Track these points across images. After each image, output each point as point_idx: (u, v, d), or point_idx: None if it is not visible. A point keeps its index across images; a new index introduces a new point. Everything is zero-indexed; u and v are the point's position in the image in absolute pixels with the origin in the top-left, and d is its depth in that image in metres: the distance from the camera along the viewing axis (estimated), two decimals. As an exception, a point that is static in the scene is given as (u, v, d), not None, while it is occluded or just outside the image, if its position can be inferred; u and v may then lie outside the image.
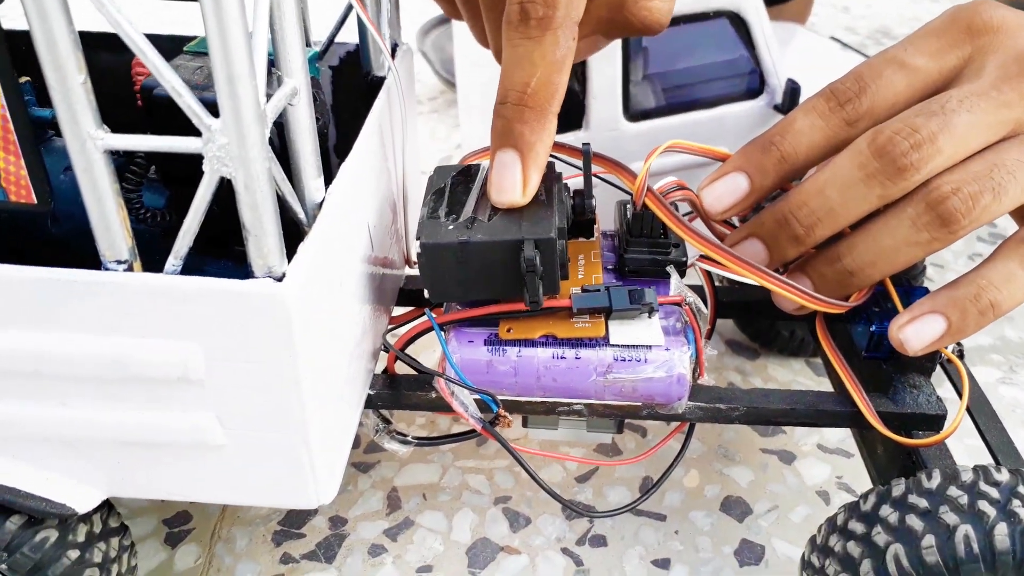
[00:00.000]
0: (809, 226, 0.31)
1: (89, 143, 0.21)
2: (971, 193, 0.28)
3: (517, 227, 0.29)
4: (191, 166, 0.23)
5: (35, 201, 0.22)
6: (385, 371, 0.33)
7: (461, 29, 0.55)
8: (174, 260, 0.22)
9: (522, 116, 0.28)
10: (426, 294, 0.30)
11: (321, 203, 0.26)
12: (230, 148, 0.20)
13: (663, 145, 0.32)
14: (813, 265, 0.32)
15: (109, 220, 0.22)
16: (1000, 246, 0.30)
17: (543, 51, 0.28)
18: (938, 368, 0.33)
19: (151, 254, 0.24)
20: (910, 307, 0.31)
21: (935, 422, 0.31)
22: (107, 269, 0.23)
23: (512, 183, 0.29)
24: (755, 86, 0.48)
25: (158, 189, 0.30)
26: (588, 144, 0.31)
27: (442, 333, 0.30)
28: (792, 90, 0.46)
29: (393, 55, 0.35)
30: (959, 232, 0.29)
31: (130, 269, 0.23)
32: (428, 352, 0.41)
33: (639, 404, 0.31)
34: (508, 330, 0.30)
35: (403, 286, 0.38)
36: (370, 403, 0.32)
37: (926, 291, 0.34)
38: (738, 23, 0.46)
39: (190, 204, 0.22)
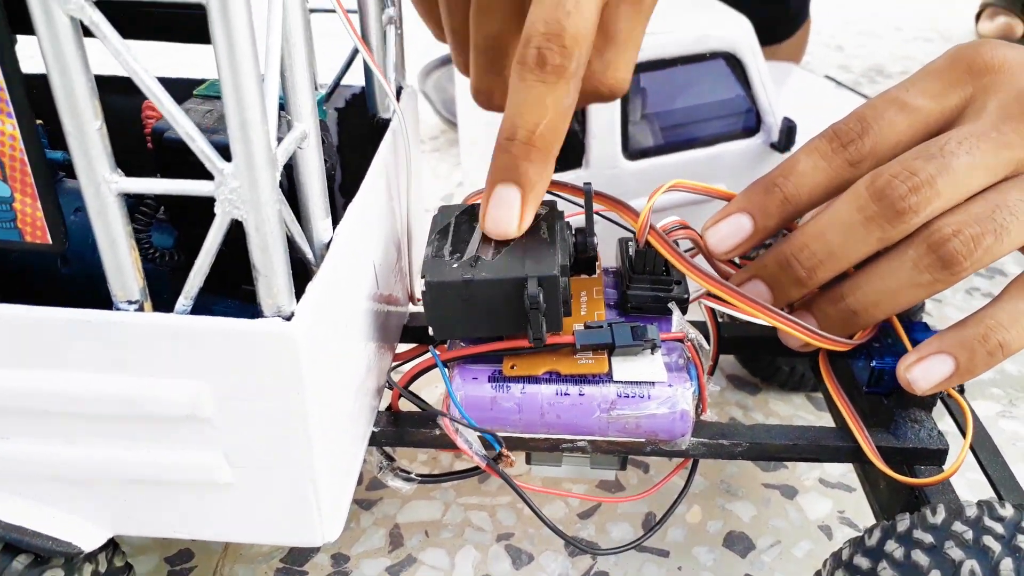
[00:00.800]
0: (811, 268, 0.31)
1: (104, 187, 0.21)
2: (973, 235, 0.29)
3: (521, 265, 0.29)
4: (200, 207, 0.24)
5: (50, 242, 0.22)
6: (389, 408, 0.33)
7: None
8: (184, 300, 0.23)
9: (528, 155, 0.29)
10: (430, 331, 0.30)
11: (328, 243, 0.26)
12: (242, 191, 0.21)
13: (666, 184, 0.33)
14: (817, 304, 0.32)
15: (121, 261, 0.22)
16: (1008, 285, 0.31)
17: (556, 97, 0.28)
18: (939, 402, 0.33)
19: (160, 293, 0.25)
20: (918, 347, 0.31)
21: (937, 457, 0.31)
22: (118, 309, 0.23)
23: (510, 218, 0.30)
24: (752, 124, 0.48)
25: (166, 229, 0.31)
26: (589, 183, 0.32)
27: (446, 371, 0.31)
28: (788, 128, 0.47)
29: (398, 97, 0.36)
30: (961, 274, 0.29)
31: (141, 309, 0.23)
32: (432, 387, 0.42)
33: (642, 440, 0.31)
34: (512, 367, 0.31)
35: (407, 323, 0.38)
36: (374, 440, 0.32)
37: (925, 326, 0.34)
38: (734, 63, 0.47)
39: (198, 244, 0.22)
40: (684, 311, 0.33)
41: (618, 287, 0.34)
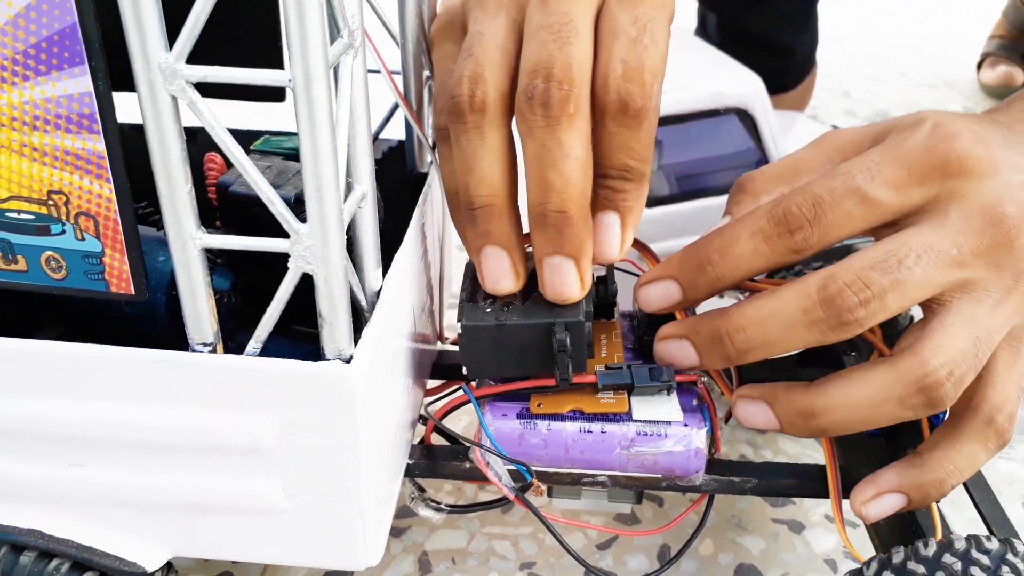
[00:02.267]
0: (742, 351, 0.30)
1: (190, 243, 0.24)
2: (960, 376, 0.29)
3: (548, 311, 0.32)
4: (258, 255, 0.27)
5: (133, 292, 0.25)
6: (421, 441, 0.36)
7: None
8: (255, 344, 0.25)
9: (625, 187, 0.30)
10: (464, 370, 0.33)
11: (379, 291, 0.29)
12: (314, 249, 0.23)
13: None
14: (784, 409, 0.31)
15: (199, 309, 0.25)
16: (962, 423, 0.31)
17: (643, 136, 0.29)
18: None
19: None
20: (875, 480, 0.32)
21: (933, 495, 0.34)
22: (194, 350, 0.26)
23: (613, 243, 0.31)
24: (762, 176, 0.51)
25: (224, 272, 0.34)
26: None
27: (479, 406, 0.33)
28: (796, 180, 0.50)
29: (434, 151, 0.39)
30: (941, 409, 0.29)
31: (214, 351, 0.26)
32: (455, 426, 0.44)
33: (659, 476, 0.33)
34: (539, 404, 0.33)
35: (436, 360, 0.40)
36: (408, 472, 0.35)
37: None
38: (745, 118, 0.50)
39: (254, 287, 0.25)
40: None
41: (634, 331, 0.37)
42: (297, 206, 0.31)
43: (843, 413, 0.30)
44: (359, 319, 0.28)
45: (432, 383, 0.39)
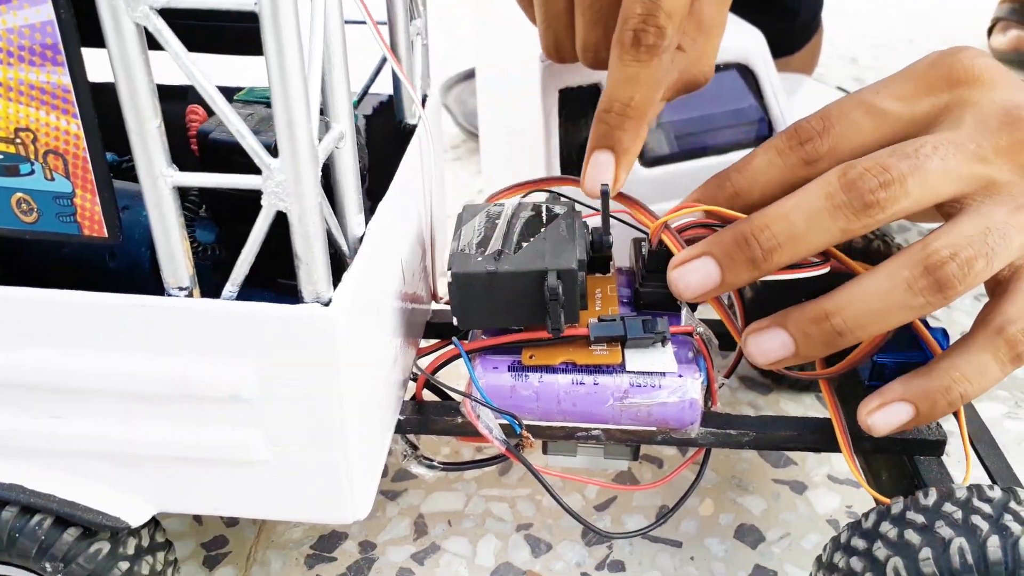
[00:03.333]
0: (769, 250, 0.30)
1: (160, 180, 0.23)
2: (967, 258, 0.28)
3: (541, 258, 0.31)
4: (242, 204, 0.26)
5: (106, 235, 0.24)
6: (413, 397, 0.35)
7: (484, 84, 0.58)
8: (231, 287, 0.25)
9: (623, 124, 0.33)
10: (454, 321, 0.32)
11: (362, 237, 0.28)
12: (287, 184, 0.23)
13: (686, 208, 0.34)
14: (796, 323, 0.31)
15: (174, 250, 0.24)
16: (973, 334, 0.30)
17: (648, 74, 0.32)
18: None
19: (202, 286, 0.27)
20: (880, 392, 0.31)
21: (935, 447, 0.33)
22: (170, 295, 0.25)
23: (606, 177, 0.33)
24: (764, 133, 0.50)
25: (208, 225, 0.33)
26: (607, 184, 0.34)
27: (469, 359, 0.32)
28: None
29: (423, 105, 0.38)
30: (952, 297, 0.29)
31: (190, 295, 0.25)
32: (449, 380, 0.43)
33: (653, 429, 0.32)
34: (530, 356, 0.32)
35: (429, 320, 0.40)
36: (399, 428, 0.34)
37: (926, 323, 0.36)
38: (747, 74, 0.49)
39: (239, 239, 0.24)
40: (694, 308, 0.34)
41: (631, 286, 0.36)
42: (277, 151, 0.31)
43: (855, 308, 0.29)
44: (341, 265, 0.27)
45: (425, 342, 0.39)
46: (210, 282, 0.28)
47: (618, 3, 0.33)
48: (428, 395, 0.35)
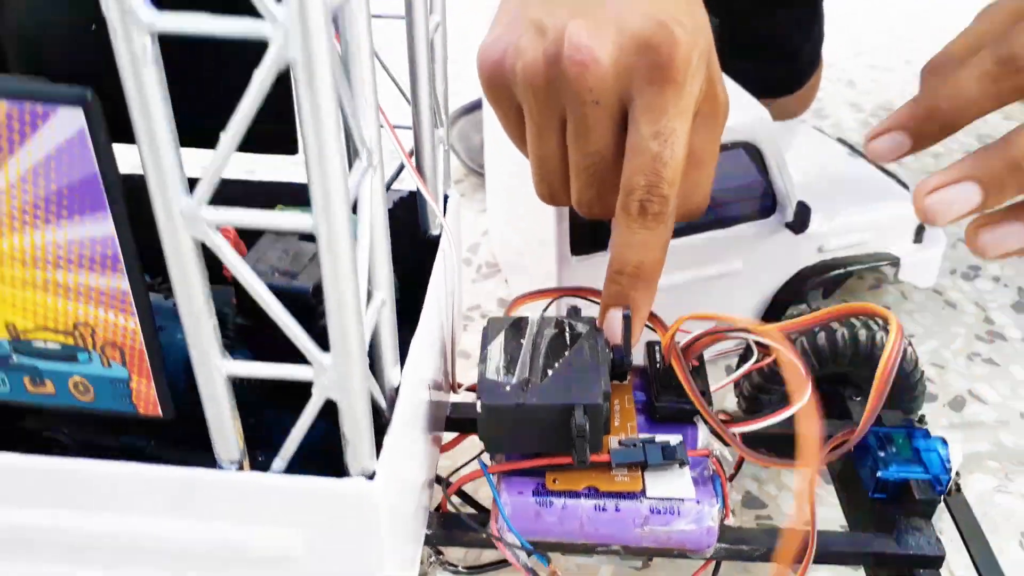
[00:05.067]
0: None
1: (215, 372, 0.24)
2: None
3: (568, 391, 0.32)
4: (276, 341, 0.27)
5: (160, 414, 0.25)
6: (438, 508, 0.36)
7: (490, 122, 0.58)
8: (280, 462, 0.26)
9: (635, 285, 0.34)
10: (482, 445, 0.34)
11: (397, 387, 0.29)
12: (338, 380, 0.24)
13: (685, 316, 0.35)
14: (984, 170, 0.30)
15: (226, 432, 0.25)
16: None
17: (656, 239, 0.34)
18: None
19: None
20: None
21: (934, 562, 0.35)
22: (222, 468, 0.26)
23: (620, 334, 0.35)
24: (768, 206, 0.51)
25: (244, 354, 0.34)
26: (628, 311, 0.35)
27: (495, 487, 0.34)
28: (802, 210, 0.50)
29: (445, 209, 0.39)
30: None
31: (241, 468, 0.26)
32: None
33: (671, 547, 0.34)
34: (554, 481, 0.34)
35: (449, 414, 0.41)
36: (427, 541, 0.35)
37: (927, 432, 0.37)
38: (753, 152, 0.49)
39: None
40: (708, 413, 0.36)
41: (646, 391, 0.37)
42: (316, 295, 0.31)
43: None
44: (378, 417, 0.28)
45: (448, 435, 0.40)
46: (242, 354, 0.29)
47: (613, 166, 0.34)
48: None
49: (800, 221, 0.51)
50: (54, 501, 0.27)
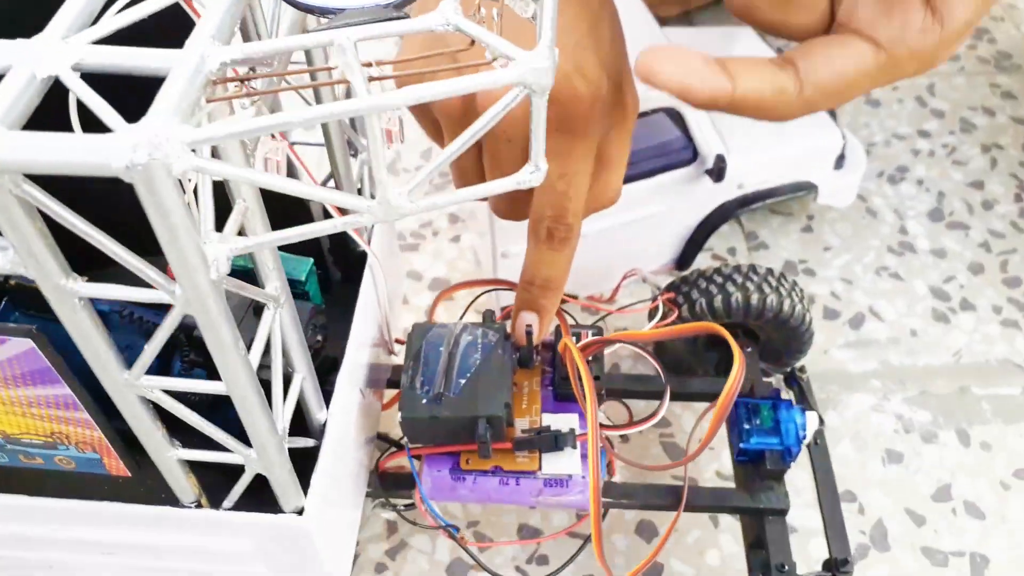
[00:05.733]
0: None
1: (170, 458, 0.31)
2: None
3: (474, 403, 0.39)
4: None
5: (129, 474, 0.32)
6: (376, 468, 0.44)
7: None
8: (228, 503, 0.33)
9: (544, 295, 0.40)
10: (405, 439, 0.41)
11: (324, 423, 0.36)
12: (261, 463, 0.30)
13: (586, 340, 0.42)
14: None
15: (183, 488, 0.32)
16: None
17: (562, 258, 0.39)
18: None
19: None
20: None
21: (781, 513, 0.43)
22: (184, 507, 0.33)
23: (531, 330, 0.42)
24: (689, 157, 0.55)
25: (201, 375, 0.40)
26: (531, 326, 0.41)
27: (416, 470, 0.41)
28: (720, 161, 0.54)
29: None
30: None
31: (199, 505, 0.33)
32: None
33: (563, 508, 0.42)
34: (467, 461, 0.41)
35: (389, 377, 0.48)
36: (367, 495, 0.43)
37: (790, 404, 0.44)
38: (674, 114, 0.53)
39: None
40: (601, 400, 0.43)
41: (553, 365, 0.44)
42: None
43: None
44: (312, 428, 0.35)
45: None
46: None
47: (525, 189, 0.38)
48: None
49: (718, 170, 0.55)
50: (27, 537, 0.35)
